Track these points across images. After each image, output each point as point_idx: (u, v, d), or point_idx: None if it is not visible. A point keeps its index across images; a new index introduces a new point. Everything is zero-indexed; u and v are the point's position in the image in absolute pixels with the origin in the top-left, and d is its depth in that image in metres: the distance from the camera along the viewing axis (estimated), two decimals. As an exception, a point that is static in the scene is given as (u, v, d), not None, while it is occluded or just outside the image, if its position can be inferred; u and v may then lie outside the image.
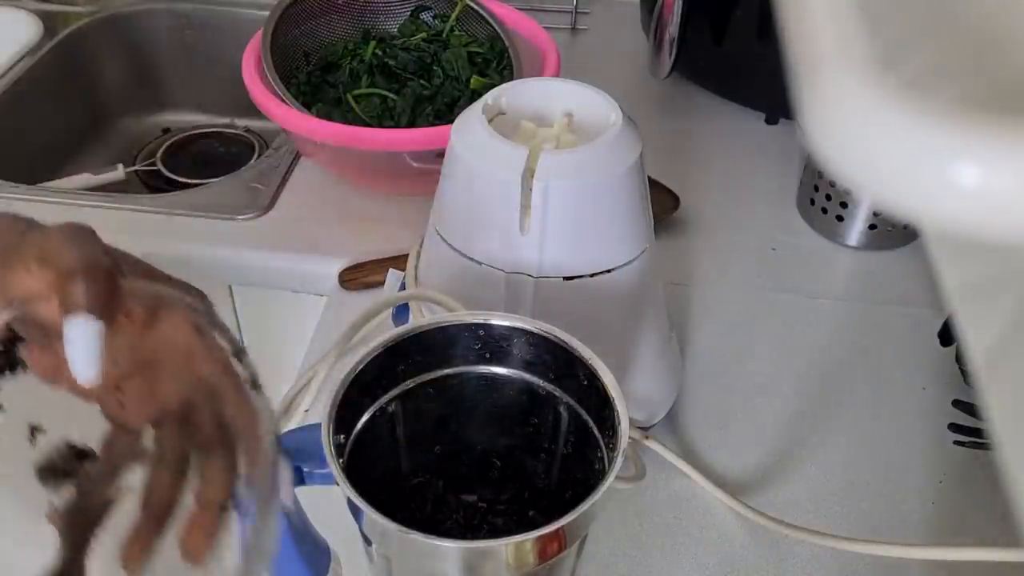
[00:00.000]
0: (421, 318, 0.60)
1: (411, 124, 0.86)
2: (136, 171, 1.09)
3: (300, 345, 0.76)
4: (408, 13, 0.94)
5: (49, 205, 0.88)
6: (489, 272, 0.56)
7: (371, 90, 0.89)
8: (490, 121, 0.56)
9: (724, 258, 0.83)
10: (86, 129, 1.16)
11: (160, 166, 1.09)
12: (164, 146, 1.12)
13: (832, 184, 0.82)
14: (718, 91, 1.00)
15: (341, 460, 0.43)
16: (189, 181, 1.05)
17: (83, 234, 0.39)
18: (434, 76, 0.90)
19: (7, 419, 0.39)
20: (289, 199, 0.89)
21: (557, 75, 0.85)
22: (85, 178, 1.03)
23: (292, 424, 0.65)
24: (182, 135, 1.15)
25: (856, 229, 0.83)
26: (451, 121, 0.58)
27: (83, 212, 0.86)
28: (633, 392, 0.63)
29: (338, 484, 0.40)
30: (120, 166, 1.05)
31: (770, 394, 0.71)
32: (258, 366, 0.99)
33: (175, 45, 1.20)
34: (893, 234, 0.83)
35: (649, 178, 0.58)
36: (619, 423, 0.43)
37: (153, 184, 1.09)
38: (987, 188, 0.16)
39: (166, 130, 1.17)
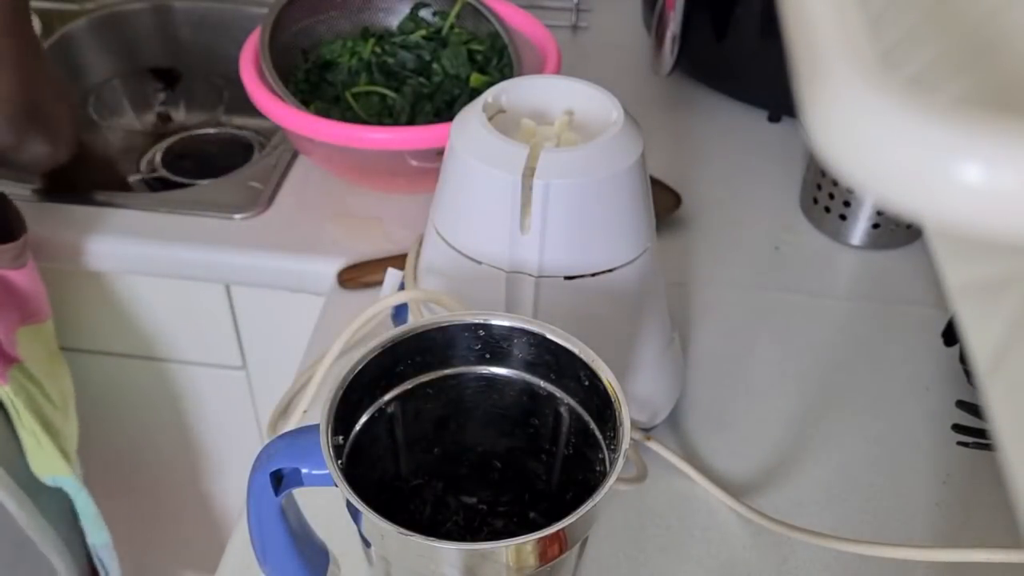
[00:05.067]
0: (420, 318, 0.60)
1: (410, 122, 0.86)
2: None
3: (298, 345, 0.76)
4: (407, 10, 0.94)
5: (46, 204, 0.87)
6: (489, 272, 0.56)
7: (370, 88, 0.89)
8: (490, 119, 0.55)
9: (726, 257, 0.83)
10: (82, 127, 1.16)
11: (163, 170, 1.09)
12: (164, 147, 1.12)
13: (835, 183, 0.82)
14: (720, 89, 1.00)
15: (340, 461, 0.42)
16: (186, 181, 1.05)
17: None
18: (433, 74, 0.90)
19: None
20: (287, 198, 0.88)
21: (558, 73, 0.85)
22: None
23: (291, 424, 0.65)
24: (180, 134, 1.15)
25: (859, 228, 0.82)
26: (451, 119, 0.58)
27: (80, 211, 0.86)
28: (635, 393, 0.63)
29: (337, 486, 0.40)
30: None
31: (773, 394, 0.71)
32: (257, 366, 0.99)
33: (173, 43, 1.20)
34: (896, 233, 0.82)
35: (651, 177, 0.58)
36: (620, 424, 0.42)
37: (151, 183, 1.09)
38: (990, 186, 0.16)
39: (162, 133, 1.17)
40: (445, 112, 0.87)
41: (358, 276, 0.79)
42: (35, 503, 0.77)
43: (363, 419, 0.46)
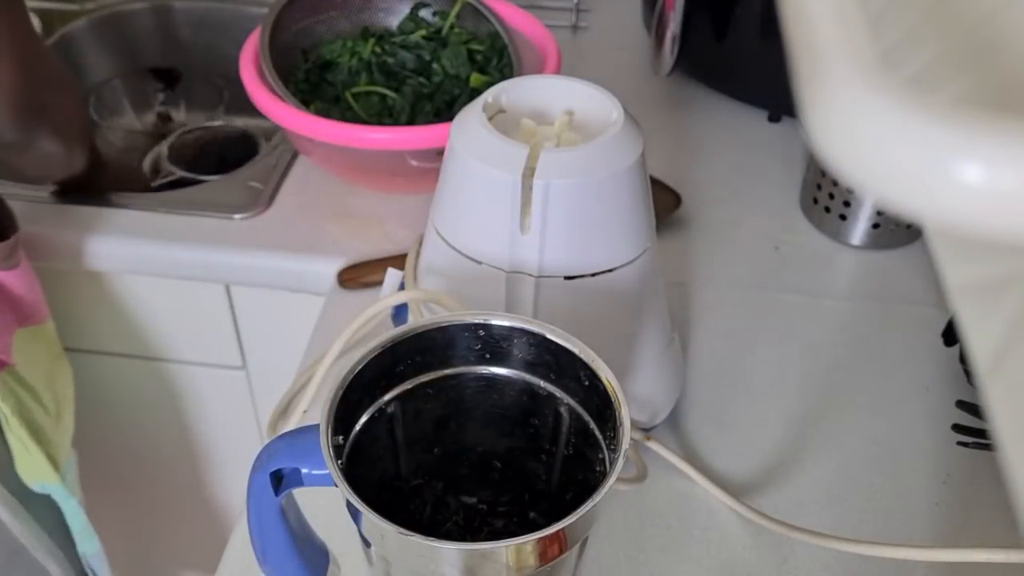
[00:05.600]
0: (420, 318, 0.60)
1: (410, 122, 0.86)
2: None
3: (298, 345, 0.76)
4: (407, 10, 0.94)
5: (49, 205, 0.87)
6: (489, 272, 0.56)
7: (370, 88, 0.89)
8: (490, 119, 0.55)
9: (726, 257, 0.83)
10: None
11: (172, 167, 1.08)
12: (168, 144, 1.12)
13: (835, 183, 0.82)
14: (720, 89, 1.00)
15: (340, 461, 0.42)
16: (190, 175, 1.05)
17: None
18: (433, 74, 0.90)
19: None
20: (287, 198, 0.88)
21: (558, 73, 0.85)
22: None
23: (291, 425, 0.65)
24: (181, 134, 1.15)
25: (859, 228, 0.82)
26: (451, 119, 0.58)
27: (81, 211, 0.86)
28: (635, 393, 0.63)
29: (337, 486, 0.40)
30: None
31: (773, 394, 0.71)
32: (257, 366, 0.99)
33: (173, 43, 1.20)
34: (896, 233, 0.82)
35: (651, 177, 0.58)
36: (620, 424, 0.42)
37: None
38: (990, 186, 0.16)
39: (163, 133, 1.17)
40: (445, 112, 0.87)
41: (358, 276, 0.79)
42: (28, 510, 0.77)
43: (363, 419, 0.46)
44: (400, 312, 0.67)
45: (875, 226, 0.82)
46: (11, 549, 0.77)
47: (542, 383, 0.48)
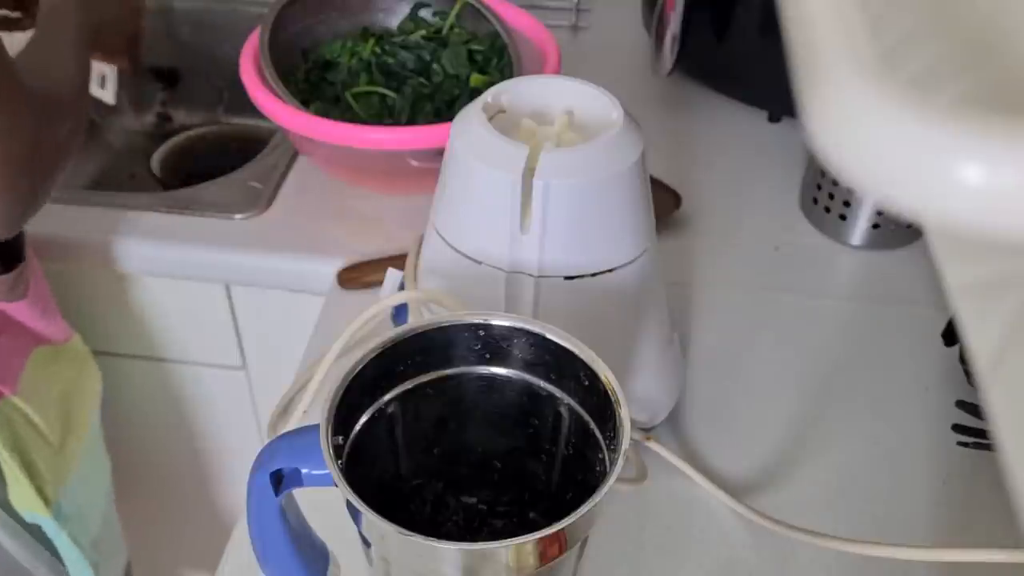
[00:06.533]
0: (420, 318, 0.60)
1: (410, 122, 0.86)
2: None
3: (298, 345, 0.76)
4: (407, 10, 0.94)
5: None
6: (489, 272, 0.56)
7: (370, 88, 0.89)
8: (490, 119, 0.55)
9: (726, 258, 0.83)
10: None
11: (160, 177, 1.08)
12: (173, 145, 1.12)
13: (835, 183, 0.82)
14: (720, 89, 1.00)
15: (340, 461, 0.42)
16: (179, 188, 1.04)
17: None
18: (433, 74, 0.90)
19: None
20: (287, 198, 0.88)
21: (558, 73, 0.85)
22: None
23: (291, 425, 0.65)
24: (180, 134, 1.15)
25: (859, 228, 0.82)
26: (451, 119, 0.58)
27: (79, 211, 0.86)
28: (635, 393, 0.63)
29: (336, 486, 0.40)
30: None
31: (772, 395, 0.71)
32: (257, 366, 0.99)
33: (173, 43, 1.20)
34: (896, 233, 0.82)
35: (651, 177, 0.58)
36: (620, 424, 0.42)
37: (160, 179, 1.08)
38: (991, 186, 0.16)
39: (163, 133, 1.17)
40: (445, 112, 0.87)
41: (358, 276, 0.79)
42: (28, 529, 0.76)
43: (363, 419, 0.46)
44: (400, 312, 0.67)
45: (875, 226, 0.82)
46: (9, 568, 0.76)
47: (542, 383, 0.48)
